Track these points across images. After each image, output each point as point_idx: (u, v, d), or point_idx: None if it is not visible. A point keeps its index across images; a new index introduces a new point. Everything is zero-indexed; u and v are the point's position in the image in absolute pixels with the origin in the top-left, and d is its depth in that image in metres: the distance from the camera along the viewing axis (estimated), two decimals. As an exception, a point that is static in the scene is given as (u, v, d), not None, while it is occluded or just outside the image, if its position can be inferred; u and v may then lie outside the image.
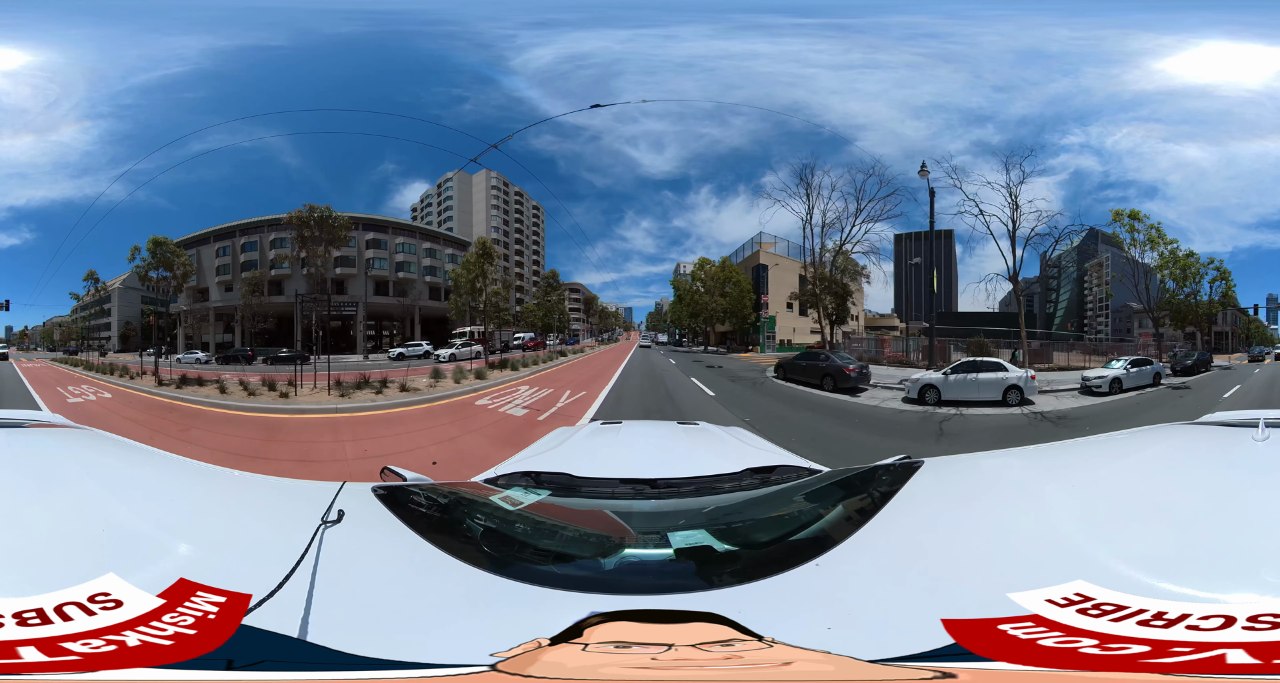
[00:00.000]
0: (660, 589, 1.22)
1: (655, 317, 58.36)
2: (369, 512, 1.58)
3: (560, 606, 1.11)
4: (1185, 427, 2.26)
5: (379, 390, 17.10)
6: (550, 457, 2.59)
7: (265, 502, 1.79)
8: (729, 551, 1.43)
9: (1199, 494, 1.49)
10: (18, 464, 1.84)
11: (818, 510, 1.72)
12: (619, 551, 1.45)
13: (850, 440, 12.36)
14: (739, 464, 2.17)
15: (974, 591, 1.11)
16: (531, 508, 1.75)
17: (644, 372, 25.30)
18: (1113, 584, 1.05)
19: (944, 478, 1.81)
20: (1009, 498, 1.64)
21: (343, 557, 1.28)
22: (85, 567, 1.12)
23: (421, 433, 12.52)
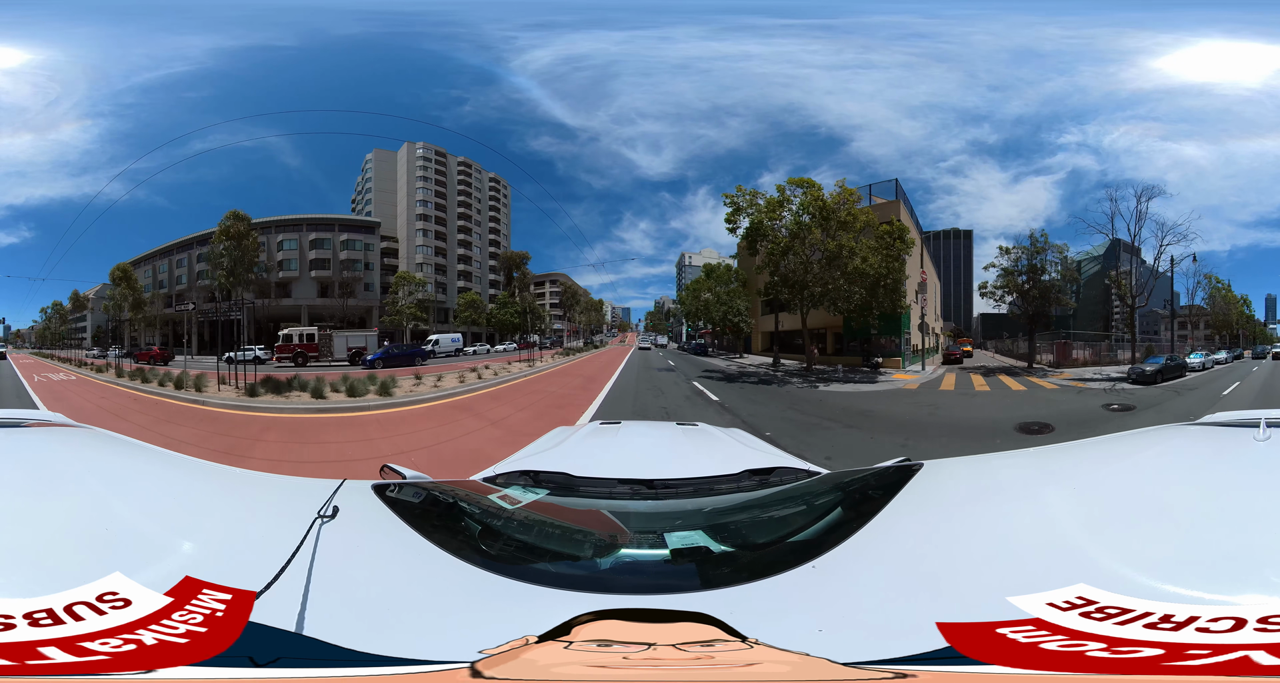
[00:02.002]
0: (655, 589, 1.21)
1: (655, 316, 57.78)
2: (368, 509, 1.58)
3: (554, 604, 1.11)
4: (1186, 427, 2.25)
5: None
6: (549, 456, 2.59)
7: (266, 499, 1.79)
8: (725, 552, 1.43)
9: (1200, 495, 1.48)
10: (19, 463, 1.84)
11: (815, 513, 1.71)
12: (615, 550, 1.45)
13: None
14: (737, 466, 2.16)
15: (972, 594, 1.10)
16: (529, 507, 1.75)
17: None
18: (1116, 587, 1.04)
19: (943, 480, 1.80)
20: (1008, 500, 1.63)
21: (341, 554, 1.28)
22: (91, 566, 1.12)
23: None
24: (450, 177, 40.28)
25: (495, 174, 42.85)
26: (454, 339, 35.44)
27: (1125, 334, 31.51)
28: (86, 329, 40.46)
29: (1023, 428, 14.00)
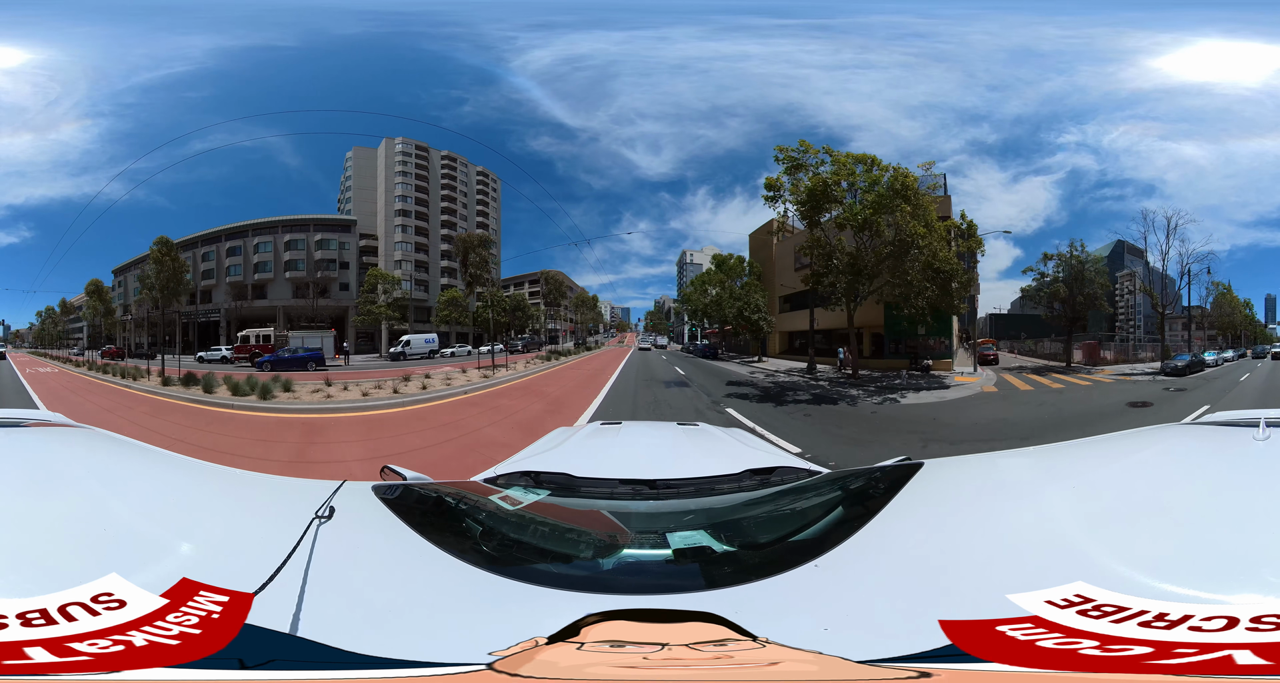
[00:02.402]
0: (658, 589, 1.21)
1: (655, 315, 57.50)
2: (369, 510, 1.58)
3: (558, 605, 1.11)
4: (1185, 427, 2.26)
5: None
6: (550, 457, 2.59)
7: (265, 500, 1.78)
8: (727, 551, 1.43)
9: (1199, 494, 1.48)
10: (17, 463, 1.84)
11: (817, 512, 1.71)
12: (617, 551, 1.45)
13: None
14: (739, 465, 2.16)
15: (973, 592, 1.11)
16: (531, 508, 1.75)
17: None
18: (1113, 585, 1.04)
19: (943, 479, 1.80)
20: (1008, 499, 1.63)
21: (340, 555, 1.28)
22: (87, 567, 1.11)
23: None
24: (433, 171, 38.22)
25: (484, 168, 40.80)
26: (428, 340, 33.02)
27: (1128, 335, 32.60)
28: (83, 330, 44.00)
29: (1132, 405, 17.22)
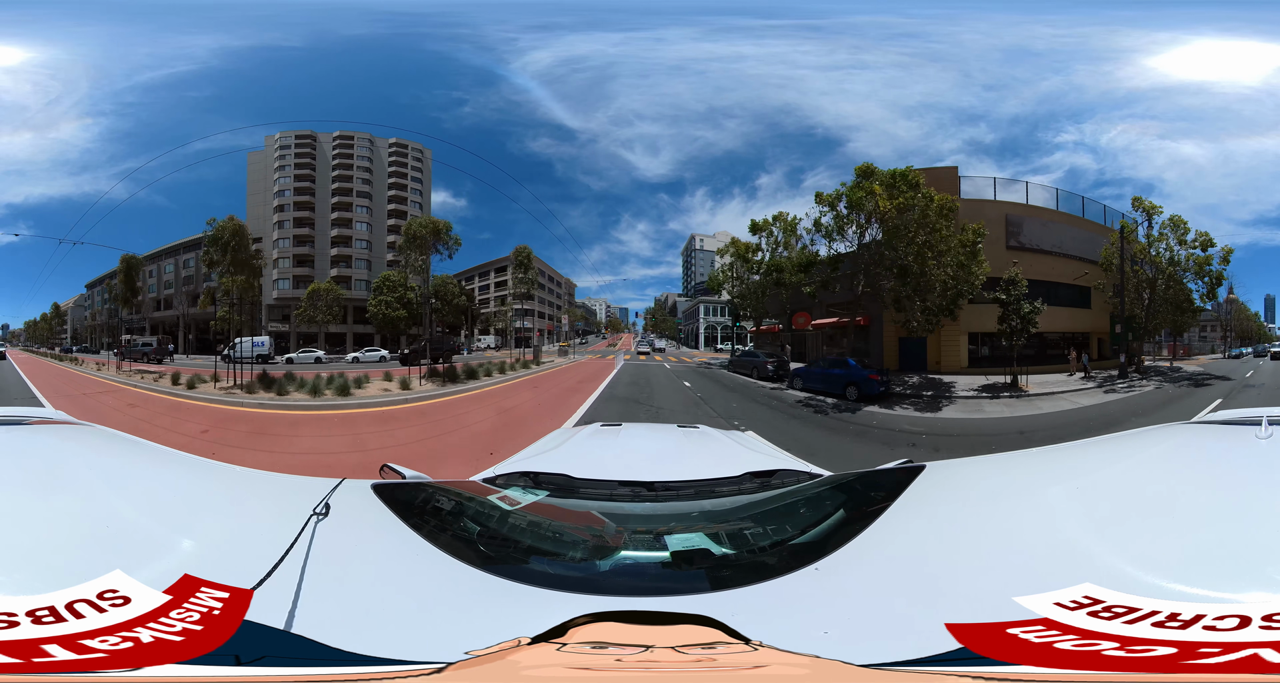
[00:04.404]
0: (654, 591, 1.20)
1: (657, 313, 56.84)
2: (366, 508, 1.58)
3: (552, 606, 1.10)
4: (1187, 426, 2.25)
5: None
6: (549, 458, 2.58)
7: (266, 497, 1.78)
8: (726, 554, 1.42)
9: (1203, 494, 1.47)
10: (20, 461, 1.84)
11: (818, 515, 1.70)
12: (615, 552, 1.44)
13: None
14: (739, 468, 2.15)
15: (978, 594, 1.09)
16: (529, 508, 1.74)
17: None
18: (1121, 586, 1.03)
19: (945, 482, 1.79)
20: (1012, 501, 1.62)
21: (337, 552, 1.28)
22: (91, 563, 1.12)
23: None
24: (323, 159, 36.13)
25: (400, 139, 37.77)
26: (257, 343, 29.95)
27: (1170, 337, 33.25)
28: (67, 331, 51.79)
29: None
